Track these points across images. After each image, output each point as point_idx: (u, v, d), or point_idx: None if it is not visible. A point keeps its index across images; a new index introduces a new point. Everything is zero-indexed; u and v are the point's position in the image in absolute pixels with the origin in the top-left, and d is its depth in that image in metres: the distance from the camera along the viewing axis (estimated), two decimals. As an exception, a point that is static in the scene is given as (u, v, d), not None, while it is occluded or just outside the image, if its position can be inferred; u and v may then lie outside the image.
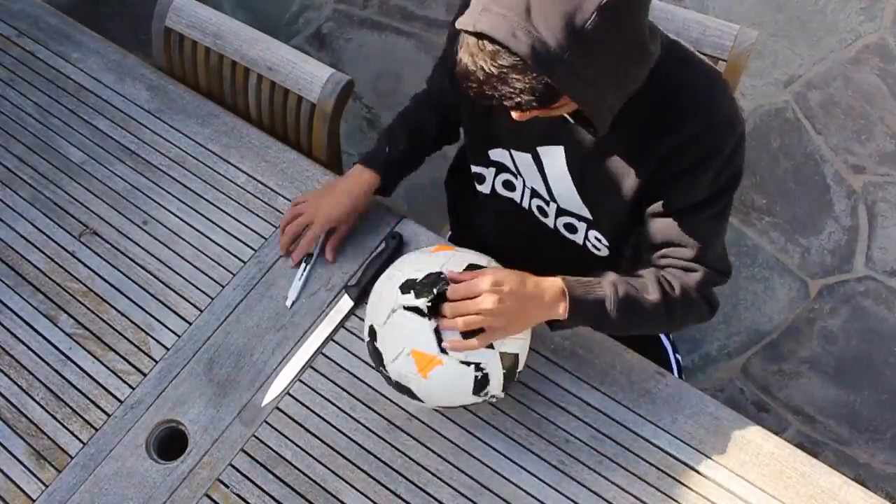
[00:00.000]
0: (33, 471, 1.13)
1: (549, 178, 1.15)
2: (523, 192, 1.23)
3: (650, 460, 1.10)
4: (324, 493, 1.10)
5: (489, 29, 0.83)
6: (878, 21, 2.46)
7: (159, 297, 1.26)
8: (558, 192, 1.16)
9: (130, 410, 1.17)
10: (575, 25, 0.82)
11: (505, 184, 1.24)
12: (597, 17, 0.82)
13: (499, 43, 0.83)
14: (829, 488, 1.07)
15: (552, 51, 0.83)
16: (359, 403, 1.16)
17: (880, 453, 1.86)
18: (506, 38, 0.83)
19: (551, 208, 1.20)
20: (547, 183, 1.16)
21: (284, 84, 1.43)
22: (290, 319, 1.23)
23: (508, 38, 0.83)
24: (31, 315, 1.25)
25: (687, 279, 1.09)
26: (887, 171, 2.21)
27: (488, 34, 0.84)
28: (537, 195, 1.20)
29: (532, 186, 1.20)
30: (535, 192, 1.20)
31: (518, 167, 1.18)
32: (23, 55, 1.52)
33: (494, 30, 0.83)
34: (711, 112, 1.00)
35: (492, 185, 1.26)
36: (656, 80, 0.97)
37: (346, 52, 2.52)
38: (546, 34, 0.83)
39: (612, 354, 1.18)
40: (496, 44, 0.84)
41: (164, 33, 1.51)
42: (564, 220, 1.20)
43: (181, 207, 1.34)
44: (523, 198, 1.24)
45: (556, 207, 1.19)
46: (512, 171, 1.21)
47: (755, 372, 1.97)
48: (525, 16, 0.83)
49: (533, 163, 1.15)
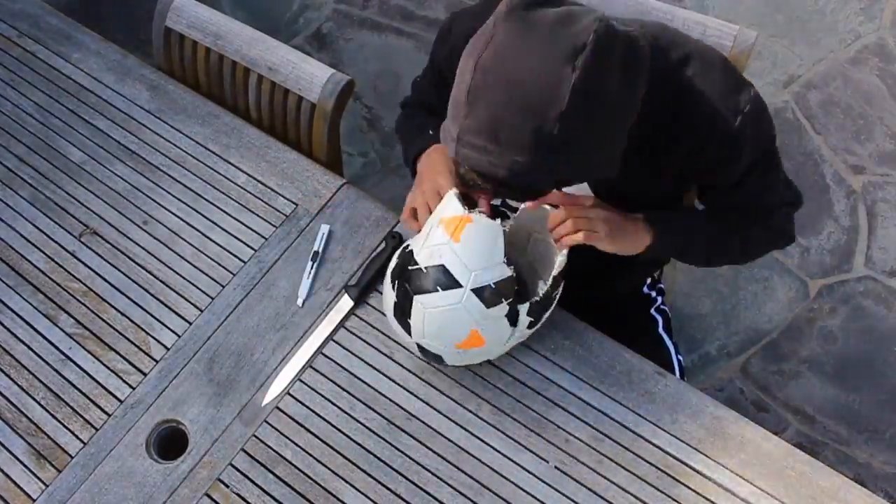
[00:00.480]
0: (33, 470, 1.13)
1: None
2: None
3: (650, 460, 1.10)
4: (324, 493, 1.10)
5: (467, 162, 0.90)
6: (877, 21, 2.46)
7: (159, 297, 1.26)
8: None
9: (130, 410, 1.17)
10: (542, 139, 0.86)
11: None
12: (560, 125, 0.85)
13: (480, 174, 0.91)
14: (828, 488, 1.07)
15: (528, 166, 0.88)
16: (359, 403, 1.16)
17: (880, 453, 1.86)
18: (486, 170, 0.89)
19: None
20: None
21: (284, 84, 1.43)
22: (290, 319, 1.23)
23: (488, 169, 0.89)
24: (31, 315, 1.25)
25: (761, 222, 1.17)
26: (887, 171, 2.21)
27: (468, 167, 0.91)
28: None
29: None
30: None
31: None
32: (23, 55, 1.52)
33: (472, 163, 0.90)
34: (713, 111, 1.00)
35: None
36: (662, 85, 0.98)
37: (345, 52, 2.52)
38: (519, 155, 0.87)
39: (612, 354, 1.18)
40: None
41: (165, 33, 1.51)
42: None
43: (181, 207, 1.34)
44: None
45: None
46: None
47: (755, 372, 1.97)
48: (496, 142, 0.87)
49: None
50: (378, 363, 1.19)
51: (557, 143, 0.86)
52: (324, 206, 1.33)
